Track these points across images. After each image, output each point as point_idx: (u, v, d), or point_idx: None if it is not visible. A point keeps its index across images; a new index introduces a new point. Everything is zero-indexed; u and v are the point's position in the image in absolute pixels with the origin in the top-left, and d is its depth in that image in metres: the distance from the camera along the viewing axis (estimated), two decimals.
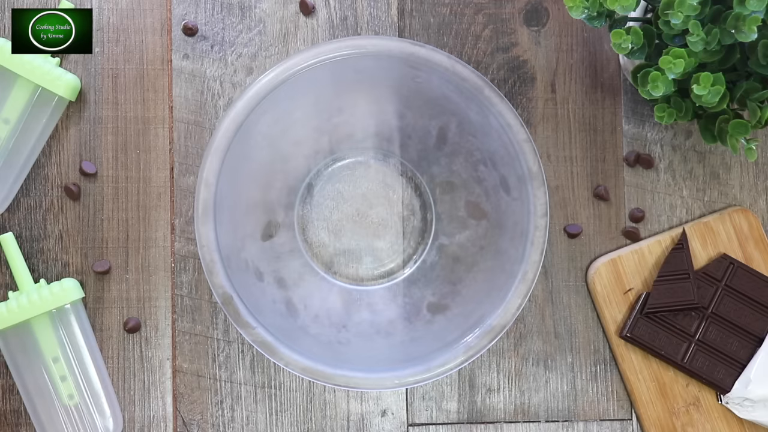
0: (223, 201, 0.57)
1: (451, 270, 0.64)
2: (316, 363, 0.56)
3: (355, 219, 0.66)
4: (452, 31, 0.66)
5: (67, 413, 0.62)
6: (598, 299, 0.64)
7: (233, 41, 0.65)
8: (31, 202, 0.64)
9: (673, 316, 0.63)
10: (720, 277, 0.64)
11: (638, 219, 0.66)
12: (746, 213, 0.65)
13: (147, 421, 0.64)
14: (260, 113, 0.57)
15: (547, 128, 0.66)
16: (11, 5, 0.64)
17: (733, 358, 0.63)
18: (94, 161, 0.64)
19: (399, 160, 0.66)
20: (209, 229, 0.56)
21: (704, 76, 0.51)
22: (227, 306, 0.56)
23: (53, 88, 0.62)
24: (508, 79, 0.65)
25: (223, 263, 0.56)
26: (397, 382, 0.56)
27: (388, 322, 0.63)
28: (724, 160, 0.66)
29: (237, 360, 0.64)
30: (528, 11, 0.66)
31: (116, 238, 0.64)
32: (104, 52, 0.65)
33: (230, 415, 0.64)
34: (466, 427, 0.64)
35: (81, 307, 0.63)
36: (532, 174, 0.57)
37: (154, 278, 0.64)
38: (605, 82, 0.66)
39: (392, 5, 0.66)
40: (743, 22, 0.49)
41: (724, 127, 0.54)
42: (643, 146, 0.66)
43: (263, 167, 0.62)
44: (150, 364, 0.64)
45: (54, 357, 0.62)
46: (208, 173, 0.56)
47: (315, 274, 0.65)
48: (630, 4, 0.51)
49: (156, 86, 0.65)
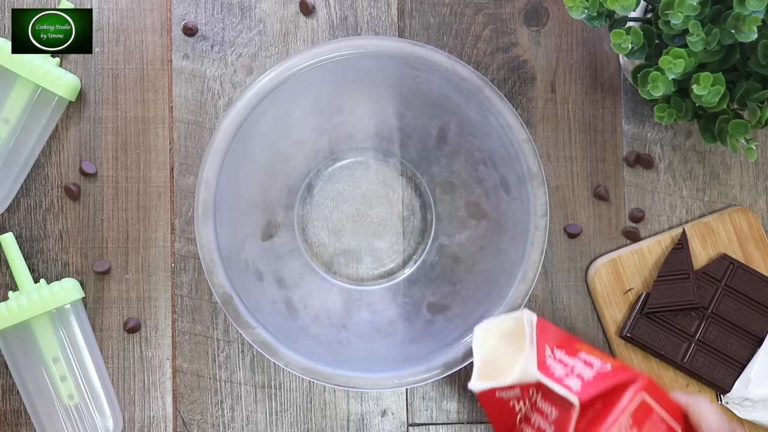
0: (223, 201, 0.57)
1: (451, 270, 0.64)
2: (316, 363, 0.56)
3: (355, 219, 0.66)
4: (452, 31, 0.66)
5: (67, 413, 0.62)
6: (598, 299, 0.64)
7: (233, 41, 0.65)
8: (31, 202, 0.64)
9: (673, 316, 0.63)
10: (720, 277, 0.64)
11: (638, 219, 0.66)
12: (746, 213, 0.65)
13: (147, 421, 0.64)
14: (260, 113, 0.57)
15: (547, 128, 0.66)
16: (11, 5, 0.64)
17: (733, 358, 0.63)
18: (94, 161, 0.64)
19: (399, 160, 0.66)
20: (209, 229, 0.56)
21: (704, 76, 0.51)
22: (227, 306, 0.56)
23: (53, 88, 0.62)
24: (508, 79, 0.65)
25: (223, 263, 0.56)
26: (397, 382, 0.56)
27: (388, 322, 0.63)
28: (724, 160, 0.66)
29: (237, 360, 0.64)
30: (528, 11, 0.66)
31: (116, 238, 0.64)
32: (104, 52, 0.65)
33: (230, 415, 0.64)
34: (466, 427, 0.64)
35: (81, 307, 0.63)
36: (532, 174, 0.57)
37: (154, 278, 0.64)
38: (605, 82, 0.66)
39: (392, 5, 0.66)
40: (743, 22, 0.49)
41: (724, 127, 0.54)
42: (643, 146, 0.66)
43: (263, 167, 0.62)
44: (150, 364, 0.64)
45: (54, 357, 0.62)
46: (208, 173, 0.56)
47: (315, 274, 0.65)
48: (630, 4, 0.51)
49: (156, 86, 0.65)
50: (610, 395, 0.49)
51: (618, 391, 0.49)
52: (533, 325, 0.53)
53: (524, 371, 0.51)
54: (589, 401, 0.49)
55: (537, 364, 0.51)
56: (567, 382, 0.50)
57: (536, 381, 0.51)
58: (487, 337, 0.54)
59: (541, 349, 0.52)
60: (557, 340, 0.54)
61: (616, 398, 0.48)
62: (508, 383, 0.52)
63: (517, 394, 0.53)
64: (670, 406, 0.50)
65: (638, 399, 0.49)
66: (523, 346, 0.53)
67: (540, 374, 0.50)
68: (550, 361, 0.52)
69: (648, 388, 0.49)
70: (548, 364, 0.51)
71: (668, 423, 0.49)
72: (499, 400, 0.53)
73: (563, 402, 0.49)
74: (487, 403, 0.54)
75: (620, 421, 0.48)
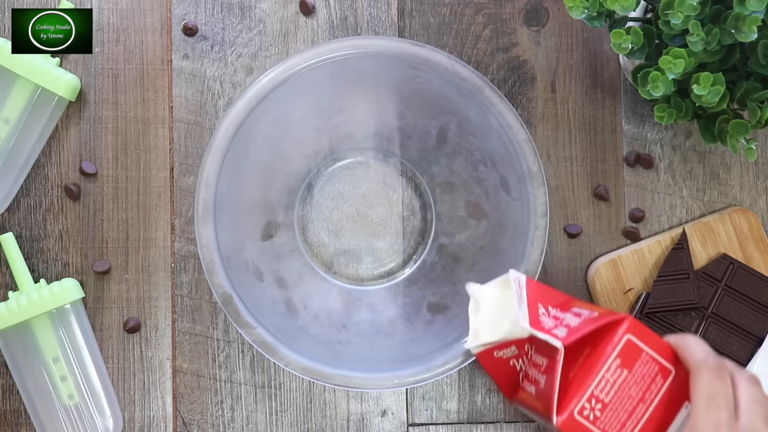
0: (223, 201, 0.57)
1: (451, 270, 0.64)
2: (316, 363, 0.56)
3: (355, 219, 0.66)
4: (452, 31, 0.66)
5: (67, 413, 0.62)
6: (598, 299, 0.64)
7: (233, 41, 0.65)
8: (31, 202, 0.64)
9: (673, 316, 0.63)
10: (720, 277, 0.64)
11: (638, 219, 0.66)
12: (746, 213, 0.65)
13: (147, 421, 0.64)
14: (260, 113, 0.57)
15: (547, 128, 0.66)
16: (11, 5, 0.64)
17: (733, 358, 0.63)
18: (94, 161, 0.64)
19: (399, 160, 0.66)
20: (209, 229, 0.56)
21: (704, 76, 0.51)
22: (227, 306, 0.56)
23: (53, 88, 0.62)
24: (508, 79, 0.66)
25: (223, 263, 0.56)
26: (397, 382, 0.56)
27: (388, 322, 0.63)
28: (724, 160, 0.66)
29: (237, 360, 0.64)
30: (528, 11, 0.66)
31: (116, 238, 0.64)
32: (104, 52, 0.65)
33: (230, 415, 0.64)
34: (466, 427, 0.64)
35: (81, 307, 0.63)
36: (532, 174, 0.57)
37: (154, 278, 0.64)
38: (605, 82, 0.66)
39: (392, 5, 0.66)
40: (743, 22, 0.49)
41: (724, 127, 0.54)
42: (643, 146, 0.66)
43: (263, 167, 0.62)
44: (150, 364, 0.64)
45: (54, 357, 0.62)
46: (208, 173, 0.56)
47: (315, 274, 0.65)
48: (630, 4, 0.51)
49: (156, 86, 0.65)
50: (598, 340, 0.50)
51: (605, 334, 0.50)
52: (521, 284, 0.54)
53: (513, 325, 0.52)
54: (577, 347, 0.50)
55: (529, 321, 0.52)
56: (555, 332, 0.51)
57: (528, 336, 0.52)
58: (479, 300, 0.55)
59: (533, 307, 0.53)
60: (554, 300, 0.55)
61: (606, 342, 0.50)
62: (498, 338, 0.53)
63: (514, 353, 0.54)
64: (661, 347, 0.51)
65: (624, 340, 0.50)
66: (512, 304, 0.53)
67: (528, 326, 0.51)
68: (543, 318, 0.53)
69: (634, 330, 0.50)
70: (541, 321, 0.52)
71: (660, 363, 0.50)
72: (499, 361, 0.55)
73: (551, 349, 0.50)
74: (489, 365, 0.55)
75: (609, 363, 0.50)
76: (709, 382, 0.48)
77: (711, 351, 0.50)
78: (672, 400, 0.50)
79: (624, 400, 0.50)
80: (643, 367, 0.50)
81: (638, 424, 0.50)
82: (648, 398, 0.50)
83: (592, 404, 0.49)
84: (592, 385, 0.49)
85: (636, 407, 0.50)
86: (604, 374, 0.50)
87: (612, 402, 0.50)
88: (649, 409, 0.50)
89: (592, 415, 0.49)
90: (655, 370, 0.50)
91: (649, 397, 0.50)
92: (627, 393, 0.50)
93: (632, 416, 0.50)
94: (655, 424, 0.50)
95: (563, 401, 0.49)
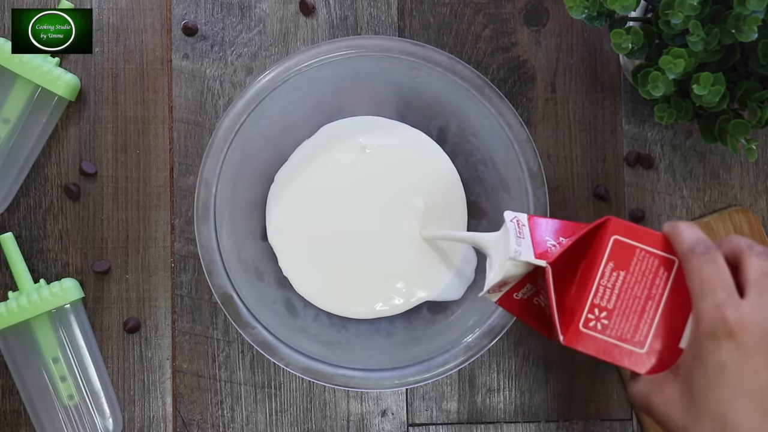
0: (223, 201, 0.57)
1: None
2: (316, 363, 0.56)
3: None
4: (452, 31, 0.66)
5: (67, 413, 0.62)
6: None
7: (233, 41, 0.65)
8: (31, 202, 0.64)
9: None
10: None
11: (638, 219, 0.66)
12: (746, 213, 0.65)
13: (147, 421, 0.64)
14: (260, 113, 0.57)
15: (547, 128, 0.66)
16: (11, 5, 0.64)
17: None
18: (94, 161, 0.64)
19: None
20: (209, 229, 0.56)
21: (704, 76, 0.51)
22: (227, 306, 0.56)
23: (53, 88, 0.62)
24: (508, 79, 0.65)
25: (223, 263, 0.56)
26: (397, 382, 0.56)
27: (388, 322, 0.63)
28: (724, 160, 0.66)
29: (237, 360, 0.64)
30: (528, 11, 0.66)
31: (116, 238, 0.64)
32: (104, 52, 0.65)
33: (230, 415, 0.64)
34: (466, 427, 0.64)
35: (81, 307, 0.63)
36: (532, 174, 0.57)
37: (154, 278, 0.64)
38: (605, 82, 0.66)
39: (392, 5, 0.66)
40: (743, 22, 0.49)
41: (724, 127, 0.54)
42: (643, 146, 0.66)
43: (263, 167, 0.62)
44: (150, 364, 0.64)
45: (54, 357, 0.62)
46: (208, 173, 0.56)
47: None
48: (630, 4, 0.51)
49: (156, 86, 0.65)
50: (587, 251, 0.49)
51: (591, 243, 0.49)
52: (520, 221, 0.52)
53: (512, 261, 0.49)
54: (571, 264, 0.49)
55: (534, 254, 0.49)
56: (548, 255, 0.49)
57: (533, 267, 0.50)
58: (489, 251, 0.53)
59: (540, 241, 0.51)
60: (565, 232, 0.52)
61: (594, 250, 0.49)
62: (501, 276, 0.50)
63: (532, 290, 0.52)
64: (655, 240, 0.50)
65: (611, 242, 0.49)
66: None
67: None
68: (552, 249, 0.50)
69: (619, 229, 0.49)
70: (549, 251, 0.50)
71: (658, 255, 0.49)
72: (522, 302, 0.52)
73: (542, 272, 0.49)
74: (516, 310, 0.52)
75: (602, 269, 0.49)
76: (699, 268, 0.46)
77: (701, 236, 0.48)
78: (686, 286, 0.48)
79: (630, 301, 0.48)
80: (640, 264, 0.49)
81: (654, 321, 0.48)
82: (655, 293, 0.49)
83: (596, 314, 0.48)
84: (590, 295, 0.48)
85: (645, 305, 0.48)
86: (599, 281, 0.48)
87: (617, 307, 0.48)
88: (661, 303, 0.48)
89: (599, 325, 0.48)
90: (654, 264, 0.49)
91: (657, 291, 0.49)
92: (631, 294, 0.49)
93: (644, 315, 0.48)
94: (674, 313, 0.48)
95: (565, 319, 0.48)
